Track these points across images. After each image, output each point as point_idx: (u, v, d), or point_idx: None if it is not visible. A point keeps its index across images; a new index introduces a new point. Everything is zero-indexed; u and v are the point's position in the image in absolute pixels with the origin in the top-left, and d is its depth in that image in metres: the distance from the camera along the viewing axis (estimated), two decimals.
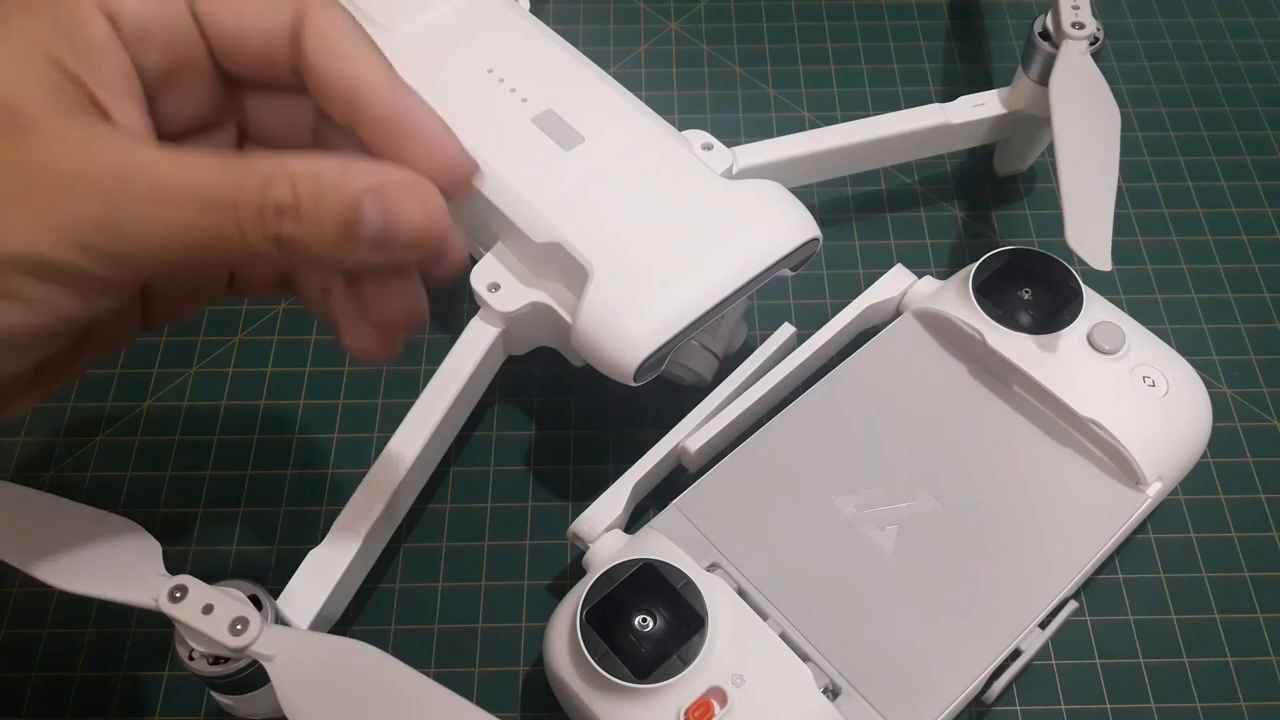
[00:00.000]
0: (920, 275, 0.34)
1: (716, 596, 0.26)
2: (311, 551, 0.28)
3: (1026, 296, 0.32)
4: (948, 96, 0.38)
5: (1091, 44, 0.35)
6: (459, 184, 0.22)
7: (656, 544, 0.28)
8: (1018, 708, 0.30)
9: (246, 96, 0.23)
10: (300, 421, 0.35)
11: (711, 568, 0.28)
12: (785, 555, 0.28)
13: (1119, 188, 0.33)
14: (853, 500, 0.29)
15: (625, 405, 0.34)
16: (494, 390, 0.34)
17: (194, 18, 0.21)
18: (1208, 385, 0.31)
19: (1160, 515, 0.33)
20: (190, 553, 0.33)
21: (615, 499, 0.30)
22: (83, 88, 0.19)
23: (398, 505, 0.30)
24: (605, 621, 0.26)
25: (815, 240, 0.31)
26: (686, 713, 0.25)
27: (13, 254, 0.18)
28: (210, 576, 0.25)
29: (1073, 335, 0.30)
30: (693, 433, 0.31)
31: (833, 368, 0.32)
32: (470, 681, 0.30)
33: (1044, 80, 0.35)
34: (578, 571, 0.29)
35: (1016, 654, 0.27)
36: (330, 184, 0.19)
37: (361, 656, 0.24)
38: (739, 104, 0.43)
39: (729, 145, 0.34)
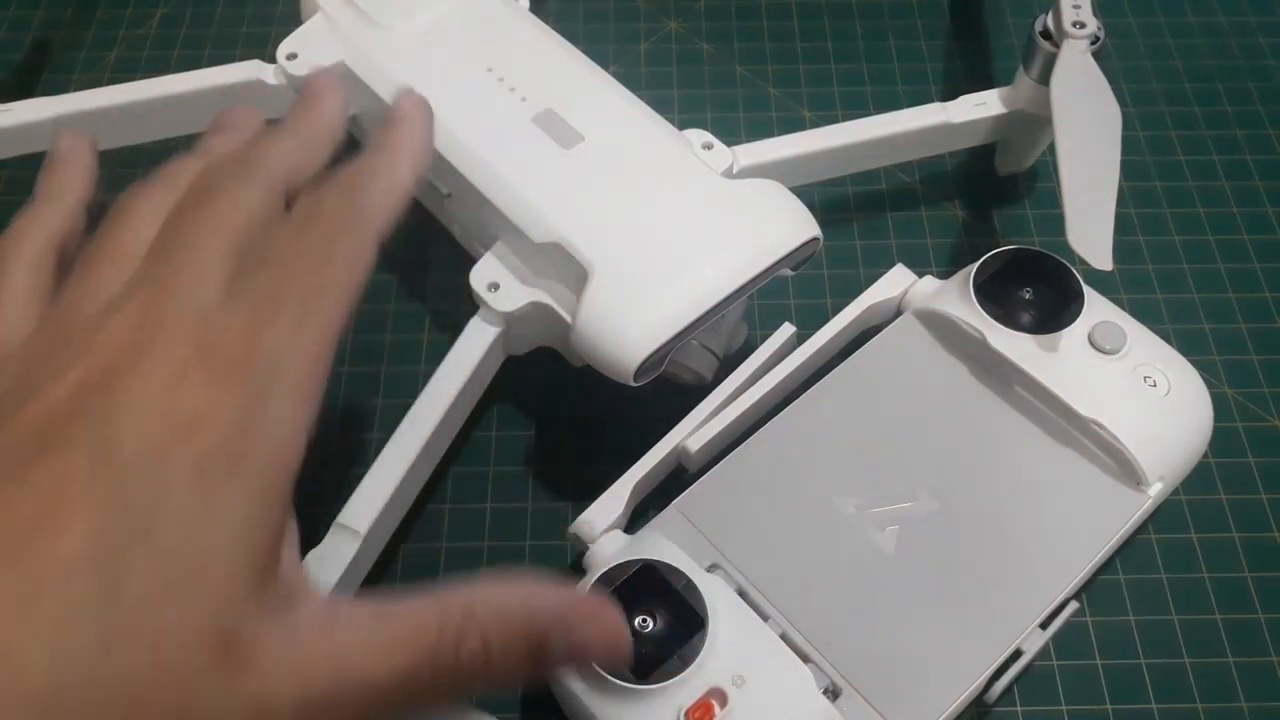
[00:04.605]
0: (921, 275, 0.34)
1: (716, 597, 0.26)
2: (311, 552, 0.28)
3: (1027, 296, 0.32)
4: (948, 96, 0.38)
5: (1093, 43, 0.35)
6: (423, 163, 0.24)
7: (656, 544, 0.28)
8: (1018, 708, 0.30)
9: None
10: None
11: (712, 568, 0.28)
12: (786, 556, 0.28)
13: (1120, 187, 0.33)
14: (853, 500, 0.29)
15: (625, 405, 0.34)
16: (494, 390, 0.34)
17: None
18: (1208, 385, 0.31)
19: (1161, 515, 0.33)
20: None
21: (615, 499, 0.30)
22: (278, 551, 0.19)
23: (397, 506, 0.30)
24: None
25: (815, 240, 0.31)
26: (687, 713, 0.25)
27: None
28: None
29: (1074, 335, 0.30)
30: (693, 433, 0.31)
31: (833, 368, 0.32)
32: None
33: (1045, 79, 0.35)
34: (578, 572, 0.29)
35: (1017, 654, 0.27)
36: (517, 623, 0.19)
37: None
38: (739, 104, 0.43)
39: (729, 145, 0.34)
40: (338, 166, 0.23)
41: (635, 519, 0.31)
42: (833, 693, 0.26)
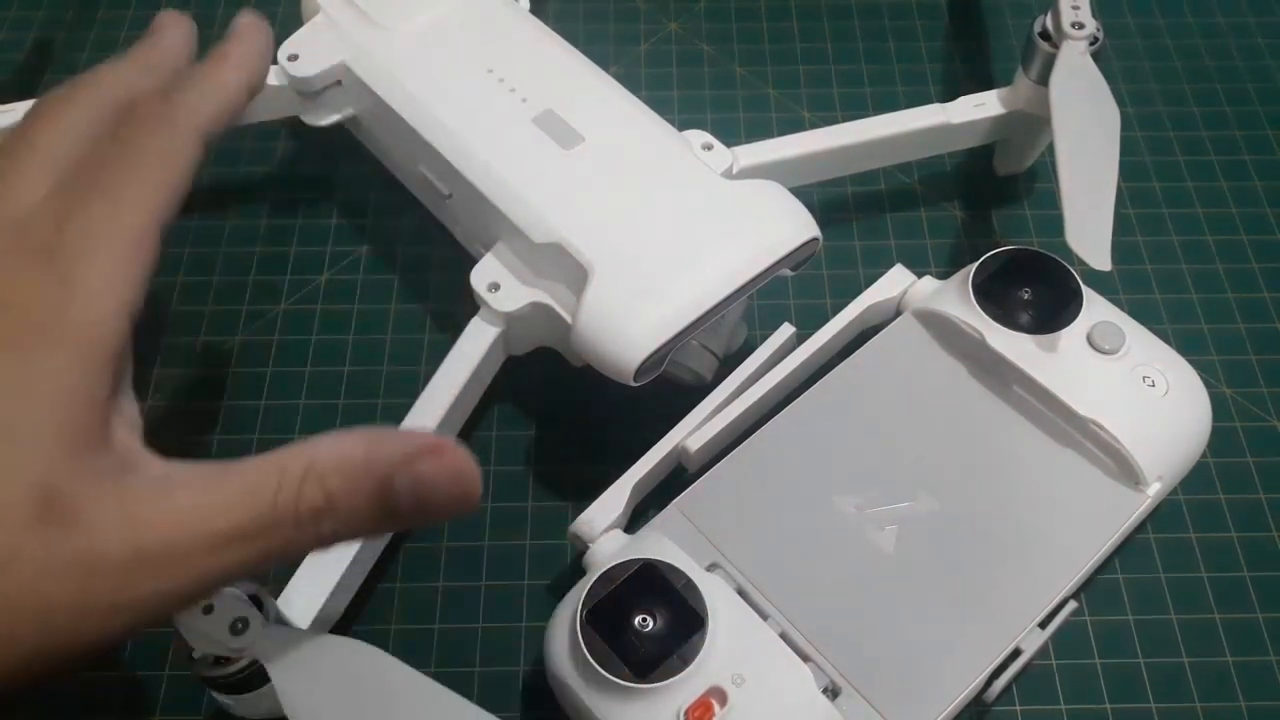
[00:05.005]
0: (920, 275, 0.34)
1: (716, 596, 0.26)
2: (311, 551, 0.28)
3: (1026, 296, 0.32)
4: (948, 96, 0.38)
5: (1091, 44, 0.35)
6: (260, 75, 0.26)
7: (656, 544, 0.28)
8: (1018, 708, 0.30)
9: None
10: (300, 422, 0.35)
11: (711, 568, 0.28)
12: (785, 555, 0.28)
13: (1119, 188, 0.33)
14: (853, 500, 0.29)
15: (625, 405, 0.34)
16: (494, 390, 0.34)
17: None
18: (1208, 385, 0.31)
19: (1160, 515, 0.33)
20: None
21: (615, 499, 0.30)
22: (99, 418, 0.19)
23: None
24: (605, 621, 0.26)
25: (815, 240, 0.31)
26: (686, 713, 0.25)
27: (80, 640, 0.18)
28: None
29: (1073, 335, 0.30)
30: (693, 433, 0.31)
31: (833, 368, 0.32)
32: (470, 681, 0.30)
33: (1044, 80, 0.35)
34: (578, 571, 0.29)
35: (1016, 654, 0.27)
36: (359, 471, 0.19)
37: (362, 656, 0.24)
38: (739, 104, 0.43)
39: (729, 145, 0.34)
40: None
41: (635, 519, 0.31)
42: (832, 692, 0.26)
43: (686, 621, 0.26)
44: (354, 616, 0.31)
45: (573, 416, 0.35)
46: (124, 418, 0.21)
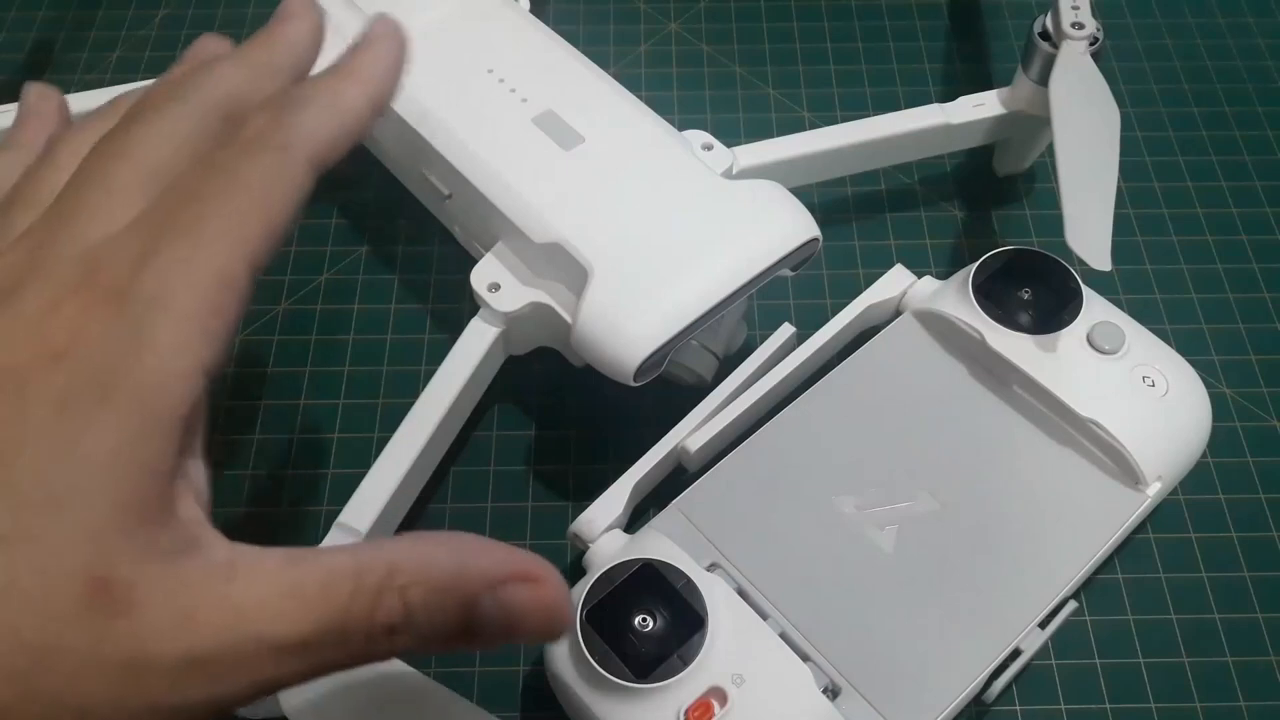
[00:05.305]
0: (920, 275, 0.34)
1: (716, 596, 0.26)
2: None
3: (1026, 296, 0.32)
4: (948, 96, 0.38)
5: (1091, 44, 0.35)
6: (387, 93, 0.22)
7: (656, 544, 0.28)
8: (1018, 707, 0.30)
9: None
10: (300, 421, 0.35)
11: (711, 568, 0.28)
12: (785, 555, 0.28)
13: (1119, 188, 0.33)
14: (853, 500, 0.29)
15: (625, 405, 0.34)
16: (494, 390, 0.34)
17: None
18: (1208, 385, 0.31)
19: (1160, 515, 0.33)
20: None
21: (615, 499, 0.30)
22: (161, 489, 0.17)
23: (398, 505, 0.30)
24: (605, 621, 0.26)
25: (815, 240, 0.31)
26: (686, 713, 0.25)
27: None
28: None
29: (1072, 335, 0.30)
30: (693, 433, 0.31)
31: (833, 368, 0.32)
32: (470, 681, 0.30)
33: (1044, 80, 0.35)
34: (578, 571, 0.29)
35: (1016, 654, 0.27)
36: (444, 586, 0.18)
37: None
38: (739, 104, 0.43)
39: (729, 145, 0.34)
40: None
41: (635, 519, 0.31)
42: (832, 691, 0.26)
43: (686, 621, 0.26)
44: None
45: (573, 416, 0.35)
46: (190, 487, 0.18)
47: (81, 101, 0.35)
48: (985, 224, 0.40)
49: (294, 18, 0.23)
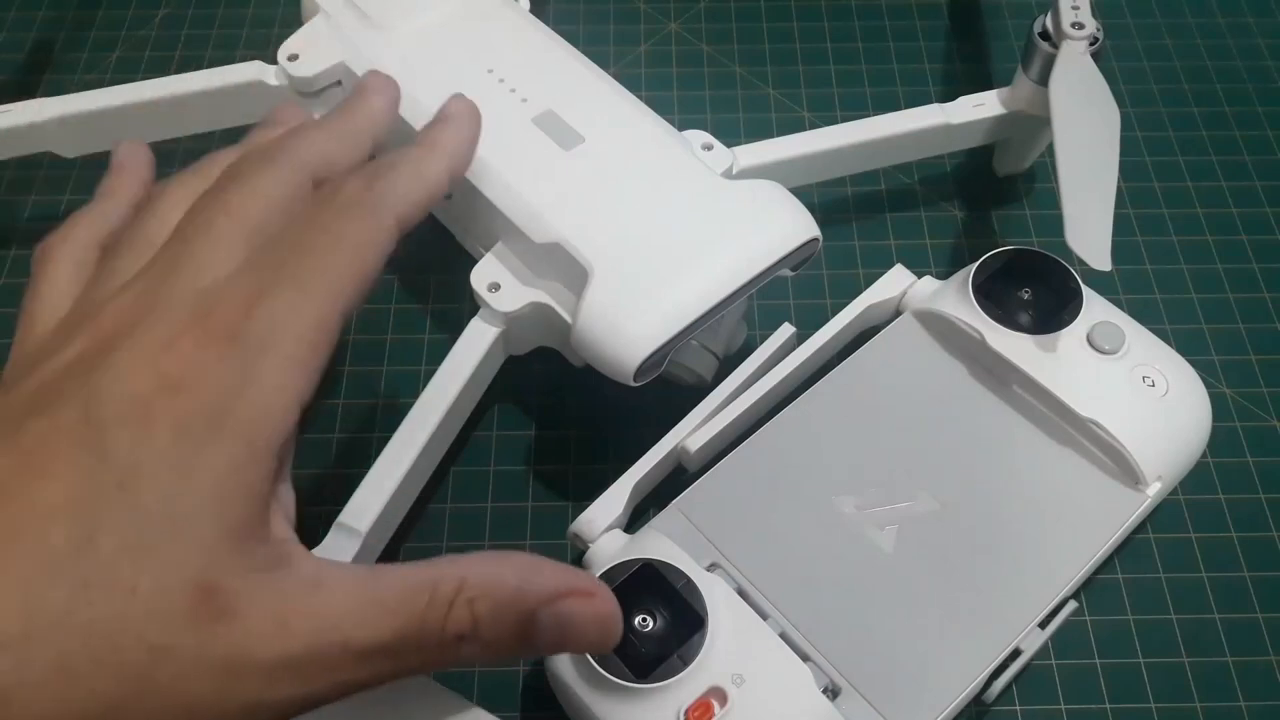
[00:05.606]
0: (920, 275, 0.34)
1: (716, 596, 0.26)
2: (313, 551, 0.28)
3: (1026, 296, 0.32)
4: (948, 96, 0.38)
5: (1091, 44, 0.35)
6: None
7: (656, 544, 0.28)
8: (1017, 707, 0.30)
9: None
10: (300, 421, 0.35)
11: (711, 568, 0.28)
12: (785, 555, 0.28)
13: (1119, 188, 0.33)
14: (853, 500, 0.29)
15: (625, 405, 0.34)
16: (494, 390, 0.34)
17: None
18: (1208, 385, 0.31)
19: (1160, 515, 0.33)
20: None
21: (615, 499, 0.30)
22: (260, 510, 0.19)
23: (398, 505, 0.30)
24: None
25: (815, 240, 0.31)
26: (686, 713, 0.25)
27: None
28: None
29: (1072, 335, 0.30)
30: (693, 433, 0.31)
31: (833, 368, 0.32)
32: (470, 681, 0.30)
33: (1044, 80, 0.35)
34: None
35: (1016, 654, 0.27)
36: (508, 599, 0.20)
37: None
38: (739, 104, 0.43)
39: (729, 145, 0.34)
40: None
41: (635, 519, 0.31)
42: (832, 692, 0.26)
43: (686, 621, 0.26)
44: None
45: (573, 416, 0.35)
46: (281, 508, 0.20)
47: (82, 102, 0.35)
48: (985, 224, 0.40)
49: (375, 92, 0.26)
